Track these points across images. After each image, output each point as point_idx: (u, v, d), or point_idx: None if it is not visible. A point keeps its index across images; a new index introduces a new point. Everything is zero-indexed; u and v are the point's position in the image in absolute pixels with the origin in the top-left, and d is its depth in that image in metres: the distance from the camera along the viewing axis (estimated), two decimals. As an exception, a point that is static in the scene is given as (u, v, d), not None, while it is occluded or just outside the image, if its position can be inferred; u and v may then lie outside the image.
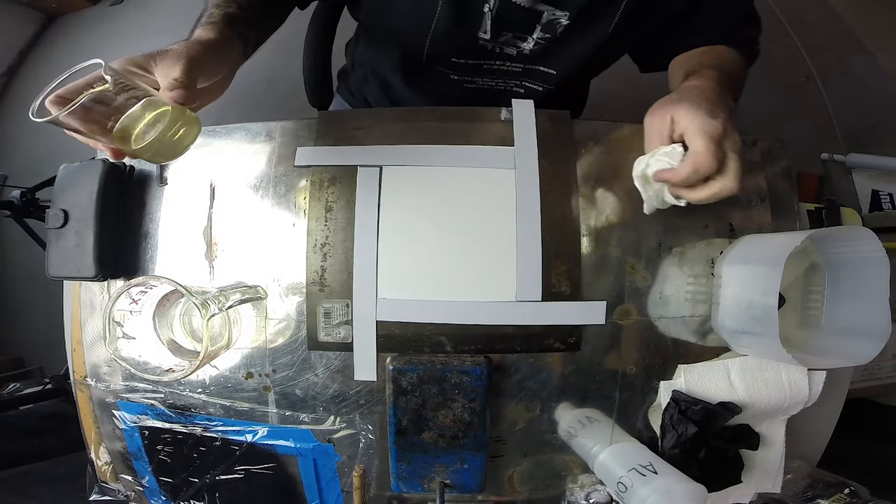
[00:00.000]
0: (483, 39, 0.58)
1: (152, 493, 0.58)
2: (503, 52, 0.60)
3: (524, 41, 0.58)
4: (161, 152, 0.41)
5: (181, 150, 0.42)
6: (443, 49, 0.60)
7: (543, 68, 0.62)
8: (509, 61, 0.61)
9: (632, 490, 0.44)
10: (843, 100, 1.59)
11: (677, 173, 0.44)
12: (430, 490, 0.52)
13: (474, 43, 0.58)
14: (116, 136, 0.38)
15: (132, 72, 0.39)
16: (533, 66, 0.62)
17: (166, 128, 0.40)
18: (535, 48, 0.59)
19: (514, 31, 0.57)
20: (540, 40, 0.57)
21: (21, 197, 1.18)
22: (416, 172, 0.54)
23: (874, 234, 0.45)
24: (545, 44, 0.58)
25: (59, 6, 2.09)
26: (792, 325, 0.53)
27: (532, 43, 0.58)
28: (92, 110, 0.36)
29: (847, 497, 0.52)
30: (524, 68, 0.62)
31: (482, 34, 0.57)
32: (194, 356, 0.48)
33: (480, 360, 0.51)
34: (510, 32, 0.57)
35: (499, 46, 0.59)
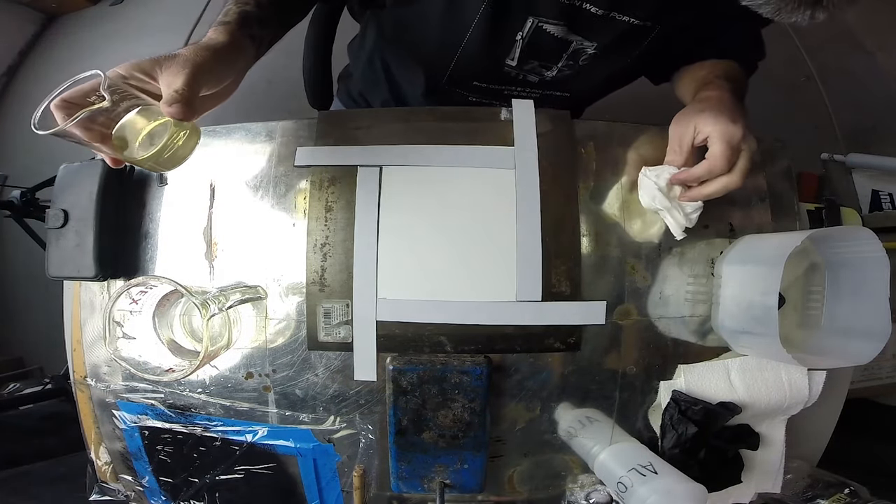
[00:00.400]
0: (509, 66, 0.58)
1: (152, 493, 0.58)
2: (526, 79, 0.60)
3: (548, 69, 0.58)
4: (161, 163, 0.41)
5: (180, 161, 0.42)
6: (466, 72, 0.60)
7: (559, 93, 0.63)
8: (530, 87, 0.62)
9: (632, 490, 0.44)
10: (843, 100, 1.59)
11: (692, 174, 0.48)
12: (430, 490, 0.52)
13: (500, 69, 0.58)
14: (116, 146, 0.38)
15: (137, 77, 0.38)
16: (550, 91, 0.62)
17: (167, 140, 0.39)
18: (556, 76, 0.59)
19: (541, 59, 0.57)
20: (564, 68, 0.58)
21: (21, 197, 1.18)
22: (416, 172, 0.54)
23: (874, 234, 0.45)
24: (567, 71, 0.58)
25: (59, 6, 2.09)
26: (792, 325, 0.53)
27: (555, 71, 0.58)
28: (93, 120, 0.36)
29: (847, 497, 0.52)
30: (542, 94, 0.63)
31: (509, 61, 0.57)
32: (194, 356, 0.48)
33: (480, 360, 0.51)
34: (536, 61, 0.57)
35: (523, 73, 0.59)
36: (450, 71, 0.60)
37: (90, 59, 1.95)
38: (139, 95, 0.38)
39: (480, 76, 0.60)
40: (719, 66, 0.59)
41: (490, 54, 0.56)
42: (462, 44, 0.56)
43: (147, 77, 0.38)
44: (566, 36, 0.54)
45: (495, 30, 0.54)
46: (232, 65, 0.43)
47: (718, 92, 0.52)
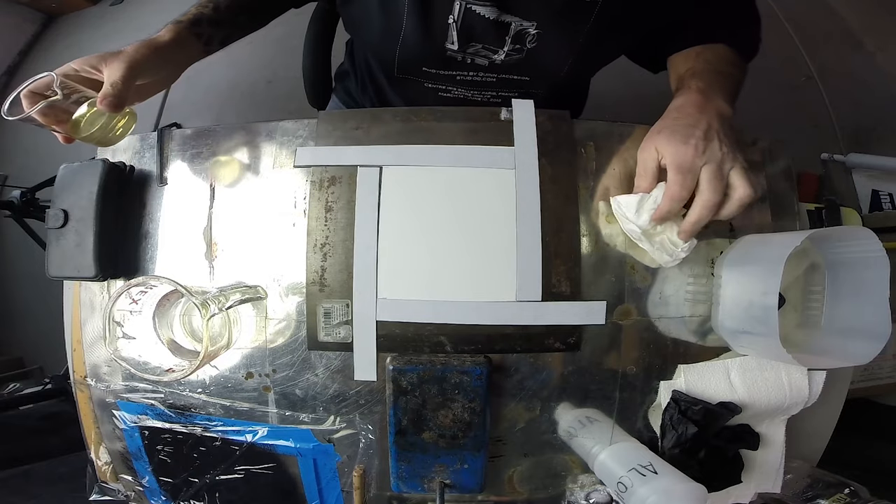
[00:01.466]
0: (451, 51, 0.58)
1: (152, 493, 0.58)
2: (474, 62, 0.59)
3: (495, 53, 0.58)
4: (103, 141, 0.50)
5: (119, 139, 0.51)
6: (412, 59, 0.60)
7: (516, 76, 0.62)
8: (482, 72, 0.61)
9: (632, 490, 0.44)
10: (843, 100, 1.59)
11: (661, 210, 0.47)
12: (430, 490, 0.52)
13: (442, 54, 0.58)
14: (69, 128, 0.47)
15: (87, 70, 0.47)
16: (507, 75, 0.62)
17: (106, 122, 0.49)
18: (506, 59, 0.58)
19: (484, 42, 0.57)
20: (511, 52, 0.57)
21: (21, 197, 1.18)
22: (416, 172, 0.54)
23: (874, 234, 0.45)
24: (517, 55, 0.58)
25: (59, 6, 2.09)
26: (792, 325, 0.53)
27: (503, 55, 0.58)
28: (50, 108, 0.45)
29: (847, 497, 0.52)
30: (498, 78, 0.62)
31: (449, 45, 0.57)
32: (194, 356, 0.48)
33: (480, 360, 0.51)
34: (479, 44, 0.57)
35: (469, 57, 0.59)
36: (396, 59, 0.60)
37: (90, 59, 1.95)
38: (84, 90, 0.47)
39: (427, 62, 0.60)
40: (707, 54, 0.55)
41: (429, 40, 0.57)
42: (401, 32, 0.56)
43: (94, 70, 0.47)
44: (500, 17, 0.54)
45: (427, 15, 0.54)
46: (170, 59, 0.52)
47: (684, 98, 0.50)
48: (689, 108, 0.48)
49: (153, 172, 0.57)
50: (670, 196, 0.46)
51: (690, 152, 0.45)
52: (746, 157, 0.47)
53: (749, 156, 0.56)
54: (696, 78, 0.52)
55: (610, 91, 0.72)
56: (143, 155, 0.58)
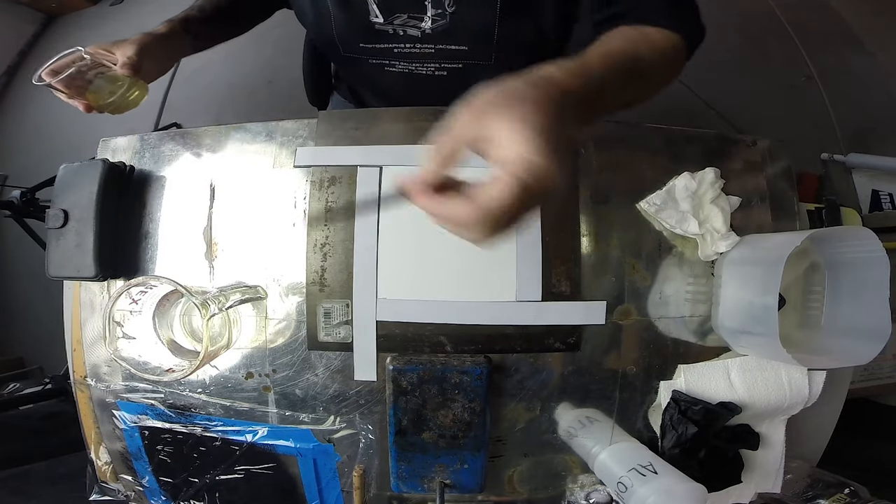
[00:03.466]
0: (378, 24, 0.58)
1: (152, 493, 0.58)
2: (406, 34, 0.60)
3: (421, 21, 0.58)
4: (120, 107, 0.55)
5: (133, 105, 0.56)
6: (347, 38, 0.61)
7: (454, 46, 0.60)
8: (418, 43, 0.61)
9: (632, 490, 0.44)
10: (843, 100, 1.59)
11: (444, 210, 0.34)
12: (430, 490, 0.52)
13: (370, 28, 0.59)
14: (89, 96, 0.53)
15: (100, 53, 0.54)
16: (443, 45, 0.60)
17: (124, 91, 0.55)
18: (434, 26, 0.58)
19: (407, 11, 0.57)
20: (436, 17, 0.57)
21: (21, 197, 1.18)
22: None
23: (874, 234, 0.45)
24: (441, 20, 0.57)
25: (59, 6, 2.09)
26: (792, 325, 0.53)
27: (429, 21, 0.57)
28: (74, 79, 0.52)
29: (847, 497, 0.52)
30: (435, 48, 0.61)
31: (374, 18, 0.58)
32: (194, 356, 0.48)
33: (480, 360, 0.51)
34: (403, 13, 0.57)
35: (399, 29, 0.59)
36: (337, 41, 0.62)
37: (90, 58, 1.95)
38: (105, 64, 0.54)
39: (363, 38, 0.61)
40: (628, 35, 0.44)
41: (354, 16, 0.58)
42: (330, 12, 0.58)
43: (107, 52, 0.54)
44: None
45: None
46: (165, 48, 0.59)
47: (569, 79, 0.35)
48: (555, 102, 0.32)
49: (153, 172, 0.57)
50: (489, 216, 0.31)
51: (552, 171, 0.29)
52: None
53: (749, 156, 0.56)
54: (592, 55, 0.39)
55: (610, 91, 0.72)
56: (143, 155, 0.58)
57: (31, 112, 1.91)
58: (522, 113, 0.30)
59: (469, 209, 0.31)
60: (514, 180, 0.29)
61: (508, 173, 0.29)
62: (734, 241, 0.51)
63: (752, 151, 0.56)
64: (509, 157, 0.29)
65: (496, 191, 0.30)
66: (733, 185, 0.55)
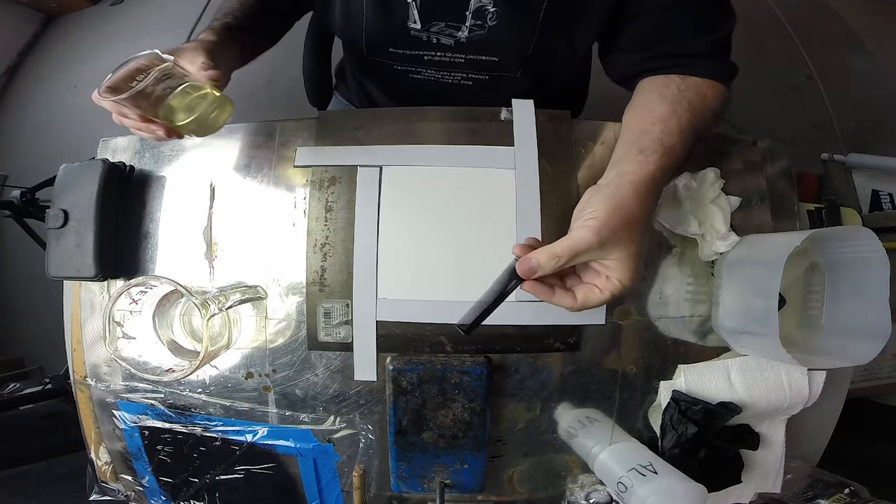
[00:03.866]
0: (414, 30, 0.57)
1: (152, 493, 0.58)
2: (439, 42, 0.59)
3: (458, 30, 0.57)
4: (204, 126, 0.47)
5: (219, 126, 0.48)
6: (378, 41, 0.60)
7: (485, 57, 0.61)
8: (449, 52, 0.60)
9: (632, 490, 0.44)
10: (843, 100, 1.59)
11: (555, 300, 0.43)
12: (430, 490, 0.52)
13: (406, 33, 0.58)
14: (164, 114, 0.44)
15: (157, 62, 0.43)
16: (474, 55, 0.61)
17: (208, 106, 0.46)
18: (471, 36, 0.58)
19: (445, 19, 0.56)
20: (474, 27, 0.57)
21: (21, 197, 1.18)
22: (416, 172, 0.54)
23: (874, 234, 0.45)
24: (480, 31, 0.57)
25: (59, 6, 2.09)
26: (792, 325, 0.53)
27: (466, 31, 0.57)
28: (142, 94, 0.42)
29: (847, 497, 0.52)
30: (466, 58, 0.61)
31: (412, 24, 0.57)
32: (194, 356, 0.48)
33: (480, 360, 0.51)
34: (441, 21, 0.57)
35: (434, 37, 0.58)
36: (364, 42, 0.60)
37: (90, 59, 1.95)
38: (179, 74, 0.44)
39: (393, 43, 0.60)
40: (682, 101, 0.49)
41: (391, 20, 0.57)
42: (363, 13, 0.57)
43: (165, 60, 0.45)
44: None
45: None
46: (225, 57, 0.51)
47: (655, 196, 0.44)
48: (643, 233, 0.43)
49: (153, 172, 0.57)
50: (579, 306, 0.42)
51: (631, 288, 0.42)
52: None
53: (749, 156, 0.56)
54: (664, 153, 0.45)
55: (610, 91, 0.72)
56: (143, 155, 0.58)
57: (31, 112, 1.91)
58: (634, 245, 0.41)
59: (572, 303, 0.42)
60: (610, 296, 0.41)
61: (609, 290, 0.41)
62: (734, 241, 0.51)
63: (752, 151, 0.56)
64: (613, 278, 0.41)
65: (595, 297, 0.42)
66: (733, 185, 0.55)
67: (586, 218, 0.41)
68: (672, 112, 0.47)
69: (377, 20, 0.56)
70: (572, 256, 0.40)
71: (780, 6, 1.72)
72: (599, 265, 0.42)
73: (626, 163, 0.45)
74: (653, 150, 0.45)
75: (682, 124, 0.47)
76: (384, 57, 0.62)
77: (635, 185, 0.43)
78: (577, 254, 0.40)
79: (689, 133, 0.47)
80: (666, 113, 0.47)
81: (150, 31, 1.97)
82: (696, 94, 0.49)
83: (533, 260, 0.40)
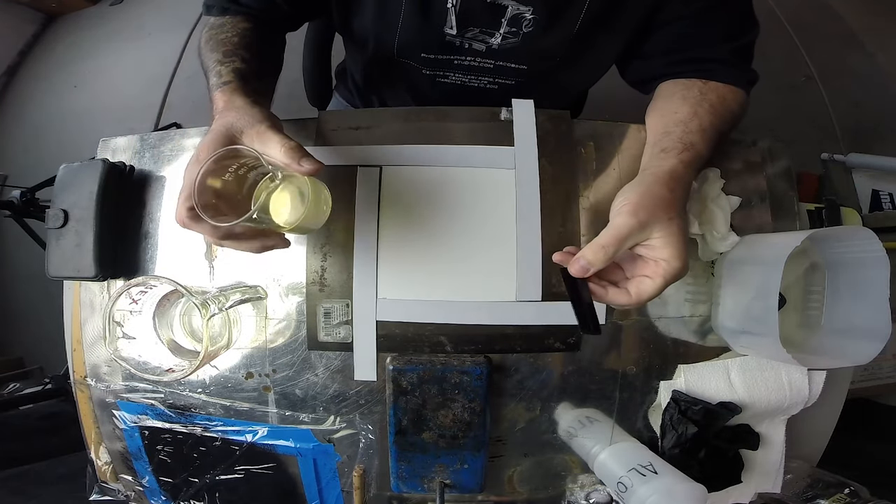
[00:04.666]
0: (450, 35, 0.58)
1: (152, 493, 0.58)
2: (472, 47, 0.60)
3: (492, 36, 0.58)
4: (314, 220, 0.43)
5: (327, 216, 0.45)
6: (411, 44, 0.60)
7: (514, 65, 0.62)
8: (479, 57, 0.61)
9: (632, 490, 0.44)
10: (843, 100, 1.59)
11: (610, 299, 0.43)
12: (430, 490, 0.52)
13: (441, 38, 0.58)
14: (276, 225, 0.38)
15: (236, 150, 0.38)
16: (504, 62, 0.62)
17: (312, 197, 0.40)
18: (503, 43, 0.58)
19: (480, 26, 0.57)
20: (507, 35, 0.57)
21: (21, 197, 1.18)
22: (416, 172, 0.54)
23: (874, 234, 0.45)
24: (513, 38, 0.58)
25: (59, 6, 2.10)
26: (792, 325, 0.53)
27: (500, 38, 0.58)
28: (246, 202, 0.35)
29: (847, 497, 0.52)
30: (495, 64, 0.62)
31: (448, 30, 0.57)
32: (194, 356, 0.48)
33: (480, 360, 0.51)
34: (476, 28, 0.57)
35: (467, 42, 0.59)
36: (396, 45, 0.60)
37: (90, 59, 1.95)
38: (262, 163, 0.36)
39: (425, 47, 0.60)
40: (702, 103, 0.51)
41: (428, 24, 0.57)
42: (400, 16, 0.56)
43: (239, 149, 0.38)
44: (497, 0, 0.54)
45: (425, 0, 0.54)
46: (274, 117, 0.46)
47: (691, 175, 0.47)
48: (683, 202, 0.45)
49: (153, 172, 0.57)
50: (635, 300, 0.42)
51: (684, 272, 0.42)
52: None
53: (749, 156, 0.56)
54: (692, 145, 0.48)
55: (610, 91, 0.72)
56: (143, 155, 0.58)
57: (31, 112, 1.92)
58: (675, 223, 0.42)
59: (628, 299, 0.42)
60: (662, 281, 0.41)
61: (660, 275, 0.41)
62: (734, 241, 0.51)
63: (752, 151, 0.56)
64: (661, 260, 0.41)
65: (648, 287, 0.42)
66: (733, 185, 0.55)
67: (620, 206, 0.43)
68: (694, 113, 0.50)
69: (413, 23, 0.56)
70: (618, 244, 0.41)
71: (780, 6, 1.72)
72: (646, 251, 0.42)
73: (649, 162, 0.48)
74: (672, 147, 0.48)
75: (703, 124, 0.49)
76: (414, 60, 0.63)
77: (658, 176, 0.45)
78: (621, 239, 0.41)
79: (710, 133, 0.49)
80: (687, 115, 0.50)
81: (150, 31, 1.97)
82: (717, 97, 0.52)
83: (582, 259, 0.41)
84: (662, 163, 0.46)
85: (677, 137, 0.48)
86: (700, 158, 0.48)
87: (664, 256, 0.41)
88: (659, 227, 0.41)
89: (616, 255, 0.41)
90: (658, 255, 0.42)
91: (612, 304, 0.44)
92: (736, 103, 0.53)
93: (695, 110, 0.50)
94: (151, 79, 1.84)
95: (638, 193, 0.43)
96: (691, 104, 0.51)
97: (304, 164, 0.39)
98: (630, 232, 0.41)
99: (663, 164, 0.46)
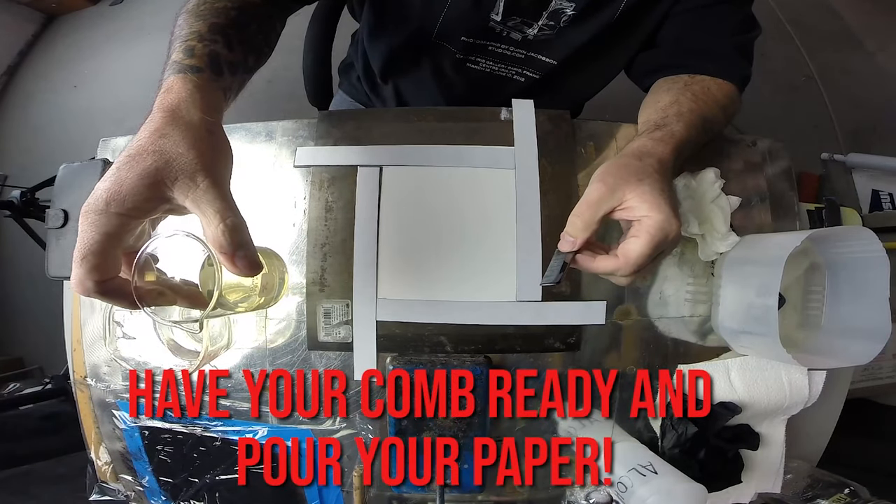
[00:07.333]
0: (493, 21, 0.58)
1: (152, 493, 0.58)
2: (509, 35, 0.60)
3: (529, 27, 0.58)
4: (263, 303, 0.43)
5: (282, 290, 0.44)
6: (455, 27, 0.60)
7: (545, 58, 0.63)
8: (514, 46, 0.62)
9: (632, 490, 0.44)
10: (843, 100, 1.59)
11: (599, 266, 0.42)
12: (430, 490, 0.52)
13: (485, 23, 0.59)
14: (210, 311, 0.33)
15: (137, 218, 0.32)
16: (535, 54, 0.63)
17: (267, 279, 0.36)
18: (538, 35, 0.59)
19: (523, 15, 0.57)
20: (544, 27, 0.58)
21: (21, 197, 1.18)
22: (417, 172, 0.54)
23: (874, 234, 0.45)
24: (549, 32, 0.58)
25: (59, 6, 2.09)
26: (792, 325, 0.53)
27: (536, 29, 0.58)
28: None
29: (847, 497, 0.52)
30: (526, 55, 0.63)
31: (494, 15, 0.57)
32: (194, 356, 0.48)
33: (480, 360, 0.51)
34: (519, 17, 0.58)
35: (506, 30, 0.59)
36: (437, 28, 0.60)
37: (90, 59, 1.95)
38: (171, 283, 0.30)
39: (468, 31, 0.61)
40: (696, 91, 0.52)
41: (476, 8, 0.57)
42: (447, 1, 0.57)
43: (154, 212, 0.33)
44: None
45: None
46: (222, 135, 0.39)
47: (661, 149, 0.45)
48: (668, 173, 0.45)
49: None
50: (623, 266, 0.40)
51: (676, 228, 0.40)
52: None
53: (749, 156, 0.56)
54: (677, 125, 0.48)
55: (610, 91, 0.72)
56: (143, 155, 0.58)
57: (31, 112, 1.91)
58: (646, 183, 0.41)
59: (618, 263, 0.41)
60: (648, 237, 0.39)
61: (645, 231, 0.39)
62: (734, 241, 0.51)
63: (752, 151, 0.56)
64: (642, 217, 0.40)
65: (634, 246, 0.40)
66: (733, 185, 0.55)
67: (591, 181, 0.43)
68: (674, 100, 0.51)
69: (461, 6, 0.57)
70: (590, 209, 0.41)
71: (780, 6, 1.72)
72: (625, 213, 0.42)
73: None
74: (644, 130, 0.48)
75: (681, 109, 0.50)
76: (451, 43, 0.63)
77: (626, 151, 0.46)
78: (591, 204, 0.41)
79: (689, 116, 0.49)
80: (668, 102, 0.51)
81: (150, 31, 1.97)
82: (701, 87, 0.53)
83: (565, 235, 0.42)
84: (632, 143, 0.47)
85: (652, 122, 0.49)
86: (674, 136, 0.46)
87: (643, 212, 0.40)
88: (630, 188, 0.41)
89: (594, 222, 0.41)
90: (636, 213, 0.41)
91: (604, 272, 0.42)
92: (721, 93, 0.53)
93: (676, 98, 0.51)
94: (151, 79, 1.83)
95: (606, 165, 0.44)
96: (673, 94, 0.52)
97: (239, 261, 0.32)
98: (600, 196, 0.41)
99: (633, 143, 0.47)
